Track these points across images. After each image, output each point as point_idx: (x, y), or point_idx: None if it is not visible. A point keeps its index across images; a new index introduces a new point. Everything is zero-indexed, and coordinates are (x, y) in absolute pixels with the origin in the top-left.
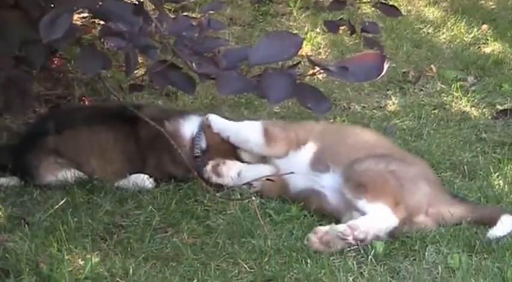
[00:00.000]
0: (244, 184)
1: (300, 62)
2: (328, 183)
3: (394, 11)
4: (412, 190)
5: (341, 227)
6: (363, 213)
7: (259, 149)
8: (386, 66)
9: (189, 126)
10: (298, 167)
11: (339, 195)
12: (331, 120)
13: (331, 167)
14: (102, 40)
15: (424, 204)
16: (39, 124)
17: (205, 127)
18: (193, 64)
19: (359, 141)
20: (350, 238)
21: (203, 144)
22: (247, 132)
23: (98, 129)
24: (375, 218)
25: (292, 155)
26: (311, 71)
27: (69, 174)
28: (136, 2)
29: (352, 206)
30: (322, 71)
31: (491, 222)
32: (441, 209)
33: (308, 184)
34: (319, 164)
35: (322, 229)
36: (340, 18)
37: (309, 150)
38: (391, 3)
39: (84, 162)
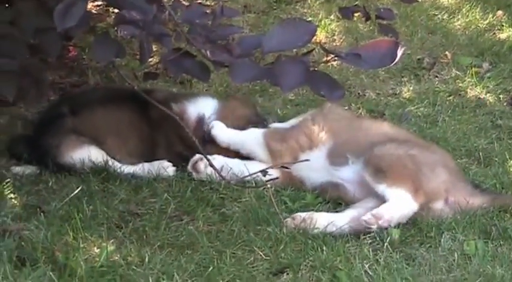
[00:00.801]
0: (260, 171)
1: (313, 49)
2: (348, 176)
3: None
4: (429, 176)
5: (366, 216)
6: (383, 198)
7: (266, 162)
8: (400, 52)
9: (194, 108)
10: (313, 164)
11: (358, 187)
12: (346, 108)
13: (350, 159)
14: (116, 28)
15: (442, 191)
16: (53, 109)
17: (218, 108)
18: (207, 52)
19: (379, 132)
20: (374, 227)
21: None
22: (251, 146)
23: (113, 108)
24: (398, 205)
25: (304, 155)
26: (325, 58)
27: (92, 151)
28: None
29: (372, 190)
30: (335, 58)
31: None
32: (461, 198)
33: (326, 178)
34: (337, 157)
35: (302, 215)
36: (355, 5)
37: (322, 147)
38: None
39: (102, 140)
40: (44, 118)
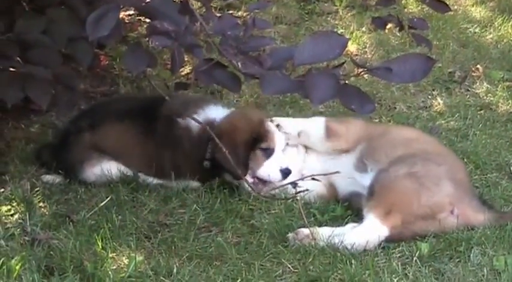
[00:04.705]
0: (290, 183)
1: (345, 62)
2: (368, 184)
3: (443, 6)
4: (433, 189)
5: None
6: None
7: (320, 144)
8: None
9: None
10: (344, 168)
11: None
12: (376, 120)
13: (369, 166)
14: (147, 38)
15: (446, 204)
16: (72, 123)
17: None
18: (239, 63)
19: (396, 138)
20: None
21: None
22: (309, 127)
23: (129, 124)
24: (361, 233)
25: (340, 156)
26: (356, 71)
27: (113, 166)
28: (182, 1)
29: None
30: (366, 71)
31: None
32: (467, 212)
33: (353, 187)
34: (360, 163)
35: (304, 232)
36: (388, 15)
37: (355, 150)
38: None
39: (118, 157)
40: (64, 132)
